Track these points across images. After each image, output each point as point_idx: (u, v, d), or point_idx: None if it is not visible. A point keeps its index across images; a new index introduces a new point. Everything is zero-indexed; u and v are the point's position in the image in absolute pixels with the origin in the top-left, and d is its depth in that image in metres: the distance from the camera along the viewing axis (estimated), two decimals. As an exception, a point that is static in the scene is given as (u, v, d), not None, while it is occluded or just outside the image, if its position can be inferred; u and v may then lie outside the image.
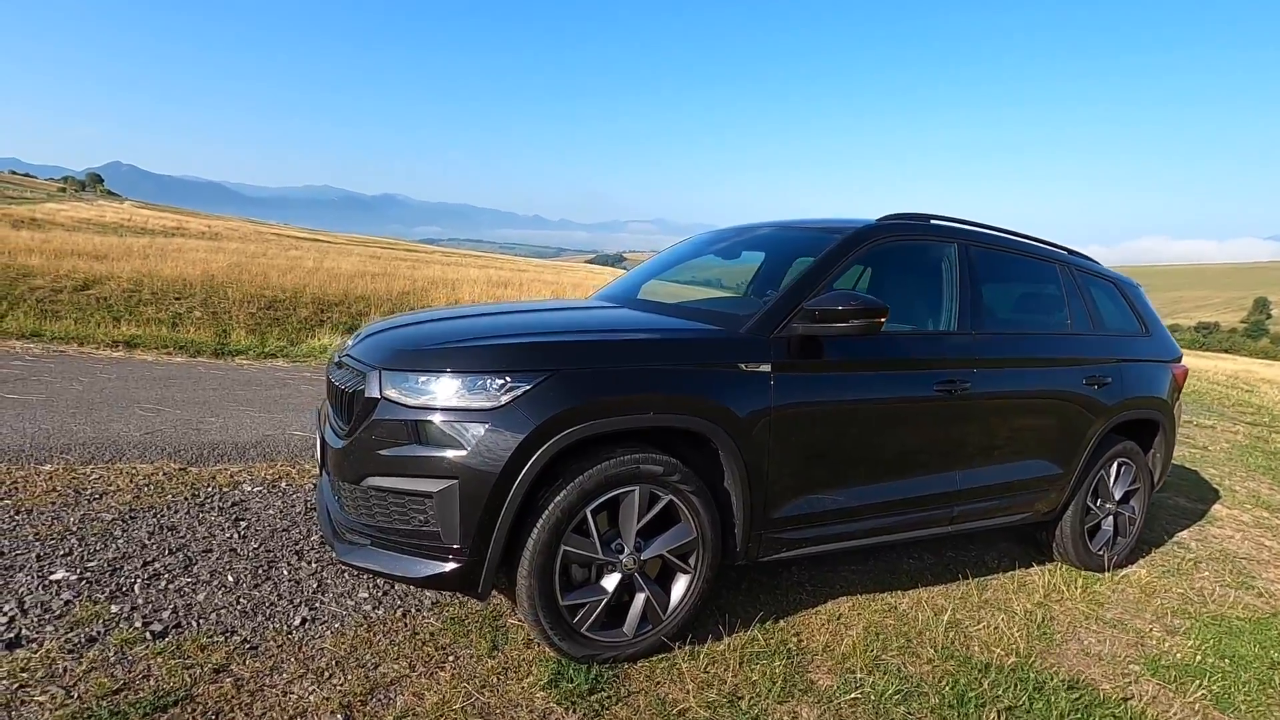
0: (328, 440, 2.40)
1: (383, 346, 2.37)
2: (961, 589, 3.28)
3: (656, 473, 2.27)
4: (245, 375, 6.69)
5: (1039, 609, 3.13)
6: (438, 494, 2.06)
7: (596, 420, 2.15)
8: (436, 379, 2.14)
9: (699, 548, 2.41)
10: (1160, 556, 4.05)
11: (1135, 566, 3.82)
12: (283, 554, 2.95)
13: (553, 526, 2.14)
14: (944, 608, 3.04)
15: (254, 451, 4.24)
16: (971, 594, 3.22)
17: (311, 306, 12.33)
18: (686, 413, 2.30)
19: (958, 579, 3.40)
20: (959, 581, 3.37)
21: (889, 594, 3.14)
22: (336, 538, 2.34)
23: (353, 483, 2.21)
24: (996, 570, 3.57)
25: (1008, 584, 3.40)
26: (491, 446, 2.06)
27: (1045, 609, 3.15)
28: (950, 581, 3.37)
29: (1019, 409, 3.19)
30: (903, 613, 2.96)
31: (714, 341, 2.46)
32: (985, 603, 3.15)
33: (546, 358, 2.18)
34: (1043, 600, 3.23)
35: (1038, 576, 3.50)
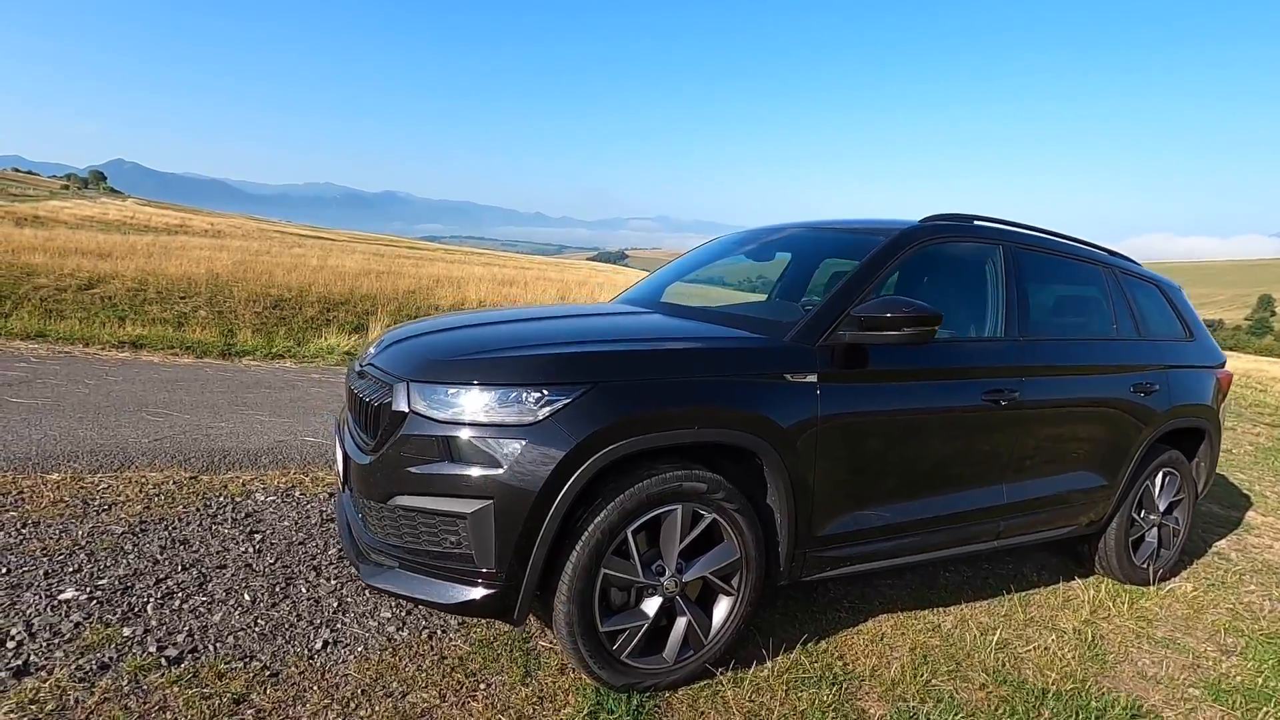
0: (350, 454, 2.28)
1: (411, 356, 2.24)
2: (1004, 605, 3.15)
3: (700, 490, 2.14)
4: (253, 377, 6.57)
5: (1087, 627, 3.00)
6: (471, 515, 1.94)
7: (640, 436, 2.03)
8: (469, 392, 2.01)
9: (742, 568, 2.28)
10: (1203, 569, 3.92)
11: (1179, 580, 3.69)
12: (300, 570, 2.83)
13: (593, 549, 2.01)
14: (989, 626, 2.91)
15: (266, 458, 4.11)
16: (1015, 611, 3.09)
17: (317, 306, 12.22)
18: (732, 427, 2.17)
19: (999, 594, 3.27)
20: (1000, 597, 3.24)
21: (930, 611, 3.02)
22: (361, 558, 2.21)
23: (379, 501, 2.09)
24: (1037, 584, 3.44)
25: (1051, 599, 3.27)
26: (529, 464, 1.93)
27: (1094, 627, 3.02)
28: (991, 597, 3.24)
29: (1067, 418, 3.05)
30: (947, 632, 2.83)
31: (759, 351, 2.33)
32: (1031, 620, 3.02)
33: (585, 369, 2.05)
34: (1090, 618, 3.10)
35: (1081, 591, 3.37)
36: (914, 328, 2.29)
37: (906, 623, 2.88)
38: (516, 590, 1.98)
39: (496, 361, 2.08)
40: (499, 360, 2.09)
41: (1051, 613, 3.12)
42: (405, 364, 2.20)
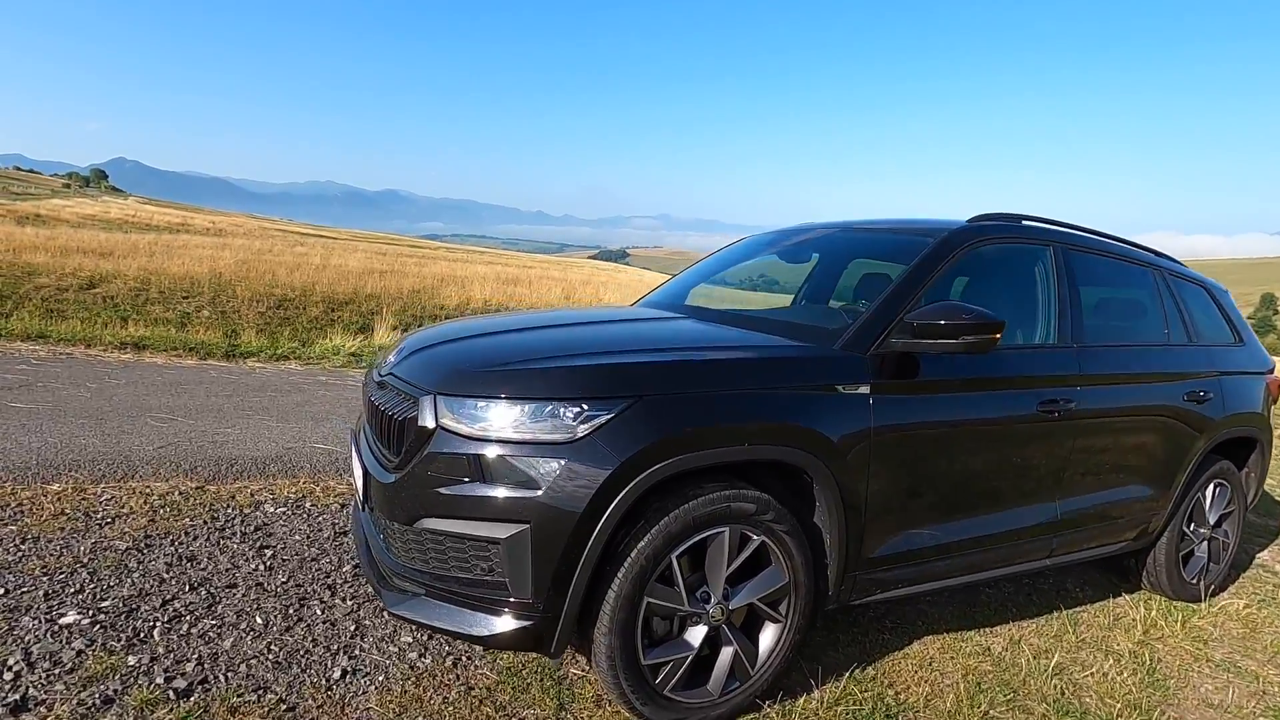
0: (371, 471, 2.12)
1: (437, 366, 2.08)
2: (1053, 625, 2.99)
3: (748, 511, 1.99)
4: (259, 379, 6.42)
5: (1143, 649, 2.85)
6: (506, 540, 1.79)
7: (688, 454, 1.87)
8: (501, 406, 1.86)
9: (791, 593, 2.13)
10: (1250, 583, 3.76)
11: (1229, 595, 3.53)
12: (314, 589, 2.68)
13: (636, 576, 1.86)
14: (1042, 649, 2.75)
15: (274, 467, 3.96)
16: (1065, 631, 2.94)
17: (321, 305, 12.08)
18: (783, 442, 2.02)
19: (1045, 612, 3.12)
20: (1048, 615, 3.09)
21: (977, 632, 2.86)
22: (383, 584, 2.06)
23: (404, 523, 1.93)
24: (1083, 601, 3.29)
25: (1100, 618, 3.12)
26: (569, 486, 1.78)
27: (1150, 649, 2.86)
28: (1038, 615, 3.08)
29: (1121, 429, 2.90)
30: (998, 656, 2.68)
31: (809, 360, 2.18)
32: (1083, 642, 2.87)
33: (628, 381, 1.90)
34: (1144, 638, 2.94)
35: (1130, 609, 3.22)
36: (975, 335, 2.13)
37: (954, 645, 2.73)
38: (555, 622, 1.82)
39: (532, 373, 1.93)
40: (534, 372, 1.93)
41: (1103, 633, 2.97)
42: (431, 375, 2.04)
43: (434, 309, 12.92)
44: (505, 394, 1.87)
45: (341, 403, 5.74)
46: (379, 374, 2.37)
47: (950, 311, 2.16)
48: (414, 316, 12.17)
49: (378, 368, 2.48)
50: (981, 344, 2.15)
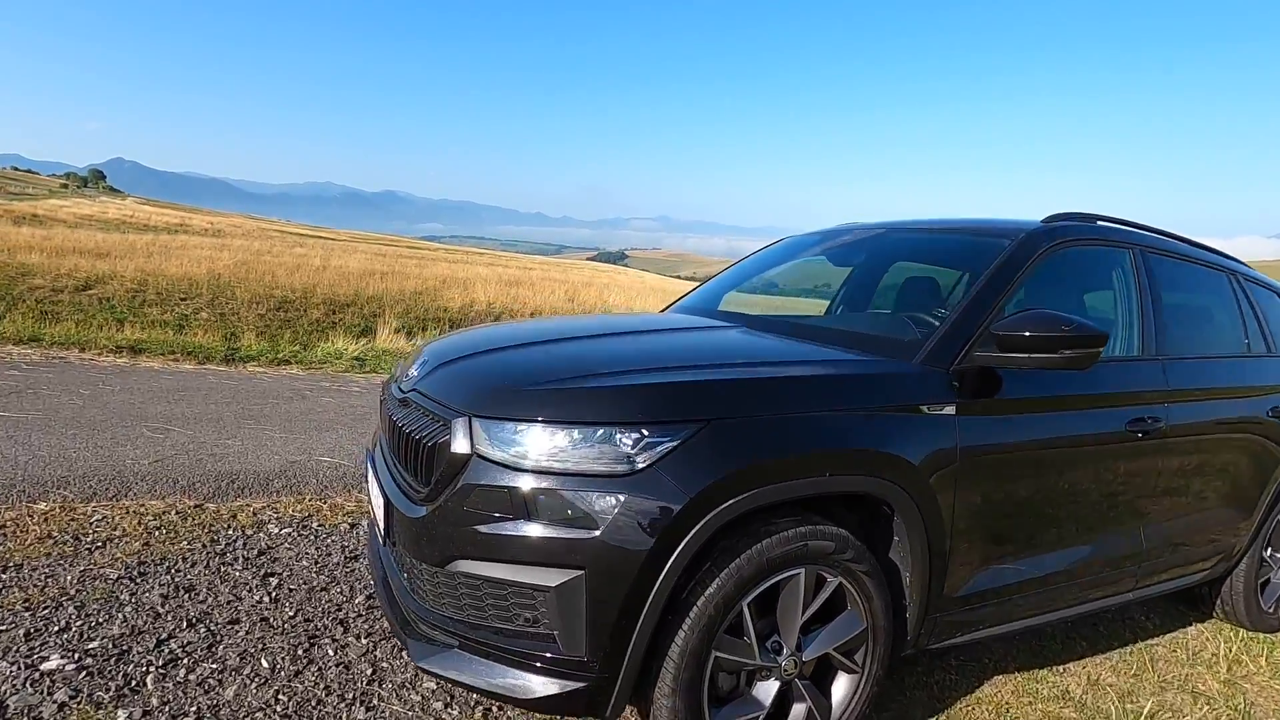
0: (394, 501, 1.87)
1: (470, 383, 1.84)
2: (1129, 662, 2.75)
3: (826, 550, 1.74)
4: (260, 386, 6.17)
5: (1232, 690, 2.60)
6: (557, 589, 1.54)
7: (764, 487, 1.63)
8: (549, 431, 1.61)
9: (869, 640, 1.88)
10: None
11: (1305, 625, 3.28)
12: (325, 624, 2.43)
13: (704, 628, 1.61)
14: (1124, 690, 2.51)
15: (278, 482, 3.71)
16: (1144, 670, 2.69)
17: (322, 308, 11.82)
18: (867, 471, 1.77)
19: (1117, 646, 2.87)
20: (1120, 650, 2.84)
21: (1050, 672, 2.61)
22: (408, 631, 1.81)
23: (435, 565, 1.68)
24: (1155, 633, 3.05)
25: (1178, 653, 2.87)
26: (629, 526, 1.53)
27: (1238, 689, 2.62)
28: (1109, 650, 2.84)
29: (1208, 448, 2.66)
30: (1079, 700, 2.43)
31: (891, 377, 1.93)
32: (1166, 682, 2.62)
33: (694, 403, 1.65)
34: (1229, 677, 2.70)
35: (1208, 642, 2.97)
36: (1075, 350, 1.89)
37: (1029, 687, 2.48)
38: (612, 682, 1.57)
39: (582, 393, 1.68)
40: (585, 391, 1.68)
41: (1185, 670, 2.72)
42: (463, 393, 1.80)
43: (437, 311, 12.67)
44: (552, 417, 1.62)
45: (346, 411, 5.49)
46: (400, 389, 2.12)
47: (1046, 322, 1.91)
48: (417, 319, 11.92)
49: (398, 381, 2.23)
50: (1082, 359, 1.91)
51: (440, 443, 1.73)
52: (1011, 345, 1.94)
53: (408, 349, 9.36)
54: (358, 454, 4.31)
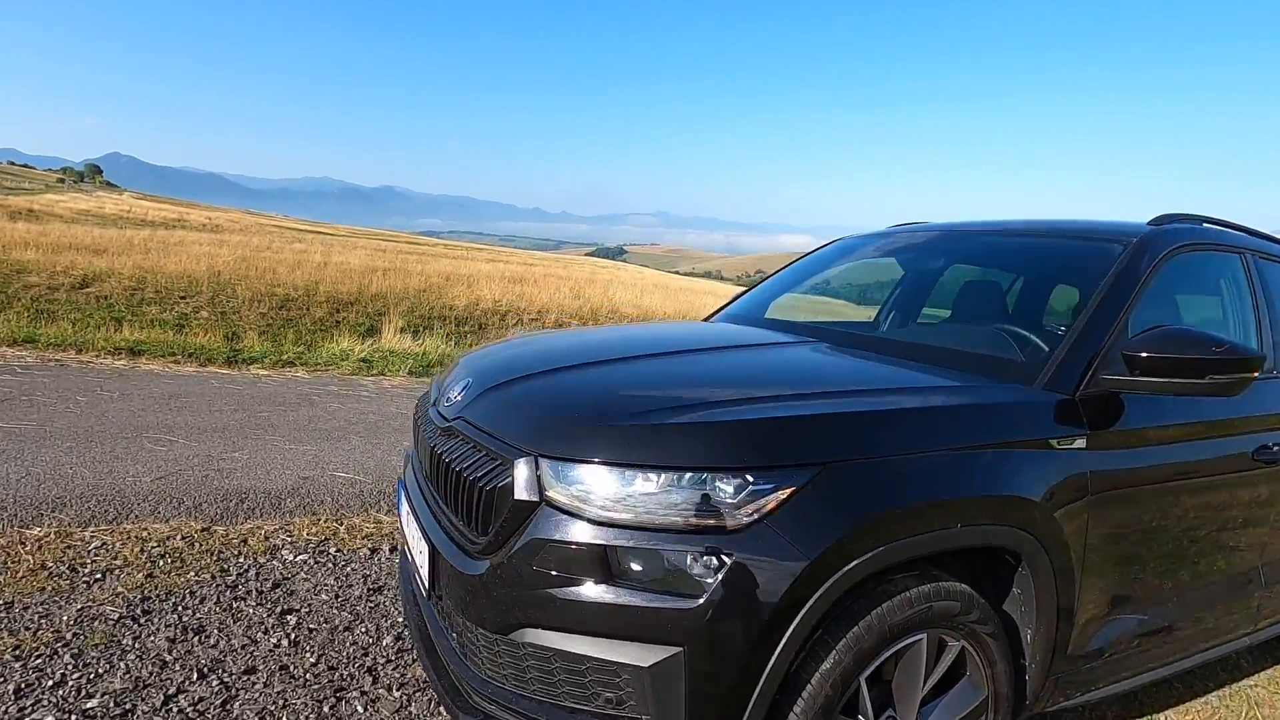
0: (441, 551, 1.62)
1: (530, 413, 1.58)
2: (1231, 706, 2.50)
3: (951, 611, 1.49)
4: (265, 390, 5.90)
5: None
6: (651, 670, 1.28)
7: (893, 544, 1.37)
8: (636, 477, 1.35)
9: (989, 710, 1.63)
10: None
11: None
12: (351, 673, 2.17)
13: (820, 711, 1.36)
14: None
15: (291, 501, 3.45)
16: (1251, 711, 2.45)
17: (325, 306, 11.54)
18: (999, 519, 1.52)
19: (1213, 688, 2.63)
20: (1216, 692, 2.60)
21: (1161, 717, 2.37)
22: (459, 702, 1.55)
23: (496, 632, 1.43)
24: (1248, 671, 2.80)
25: (1277, 695, 2.63)
26: (739, 593, 1.28)
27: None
28: (1205, 693, 2.59)
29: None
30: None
31: (1015, 407, 1.67)
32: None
33: (808, 442, 1.39)
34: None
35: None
36: (1227, 375, 1.64)
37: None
38: (714, 780, 1.32)
39: (673, 430, 1.42)
40: (677, 429, 1.42)
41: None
42: (526, 426, 1.54)
43: (442, 309, 12.38)
44: (639, 459, 1.37)
45: (358, 419, 5.23)
46: (442, 415, 1.86)
47: (1194, 342, 1.66)
48: (422, 317, 11.64)
49: (435, 404, 1.97)
50: (1233, 385, 1.66)
51: (500, 486, 1.47)
52: (1148, 368, 1.69)
53: (415, 349, 9.10)
54: (374, 469, 4.05)
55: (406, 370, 7.62)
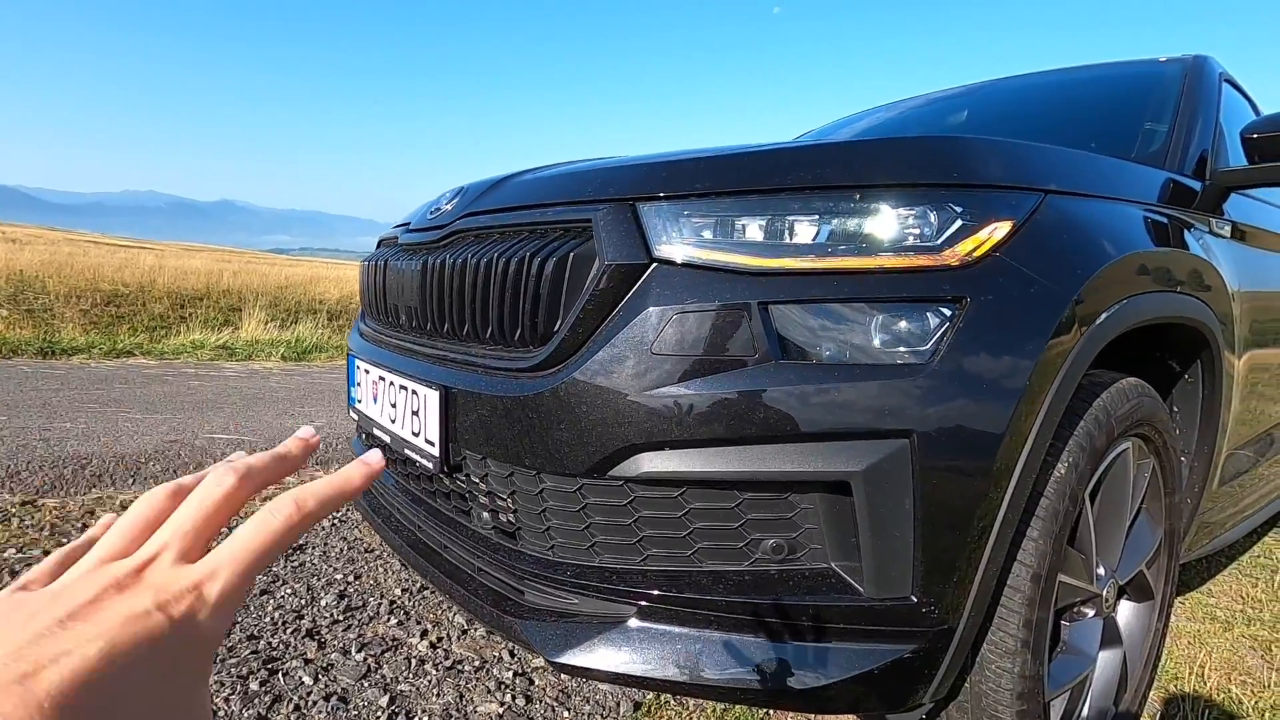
0: (460, 390, 1.07)
1: (604, 171, 1.08)
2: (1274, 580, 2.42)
3: (1156, 411, 1.16)
4: (97, 373, 4.77)
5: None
6: (865, 475, 0.83)
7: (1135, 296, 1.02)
8: (813, 202, 0.91)
9: (1163, 553, 1.32)
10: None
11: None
12: (284, 640, 1.52)
13: (1056, 535, 0.96)
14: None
15: (155, 465, 2.62)
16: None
17: (168, 301, 9.96)
18: (1197, 288, 1.24)
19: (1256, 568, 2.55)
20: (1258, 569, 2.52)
21: (1202, 594, 2.22)
22: (512, 609, 1.01)
23: (583, 473, 0.91)
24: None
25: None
26: (984, 347, 0.86)
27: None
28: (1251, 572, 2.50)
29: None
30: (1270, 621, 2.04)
31: (1179, 183, 1.39)
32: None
33: (1026, 166, 1.01)
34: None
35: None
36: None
37: (1205, 611, 2.06)
38: (947, 641, 0.88)
39: (861, 147, 0.99)
40: (859, 145, 0.99)
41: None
42: (603, 178, 1.04)
43: (311, 303, 11.08)
44: (815, 180, 0.91)
45: (230, 392, 4.30)
46: (428, 230, 1.30)
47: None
48: (288, 311, 10.30)
49: (407, 230, 1.41)
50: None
51: (575, 257, 0.96)
52: (1271, 150, 1.46)
53: (287, 337, 7.96)
54: (266, 431, 3.25)
55: (280, 355, 6.59)
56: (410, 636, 1.59)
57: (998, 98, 2.28)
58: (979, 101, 2.29)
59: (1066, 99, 2.12)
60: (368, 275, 1.55)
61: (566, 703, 1.40)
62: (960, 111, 2.28)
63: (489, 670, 1.48)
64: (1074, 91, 2.09)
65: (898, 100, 2.58)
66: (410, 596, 1.79)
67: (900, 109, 2.48)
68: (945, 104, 2.37)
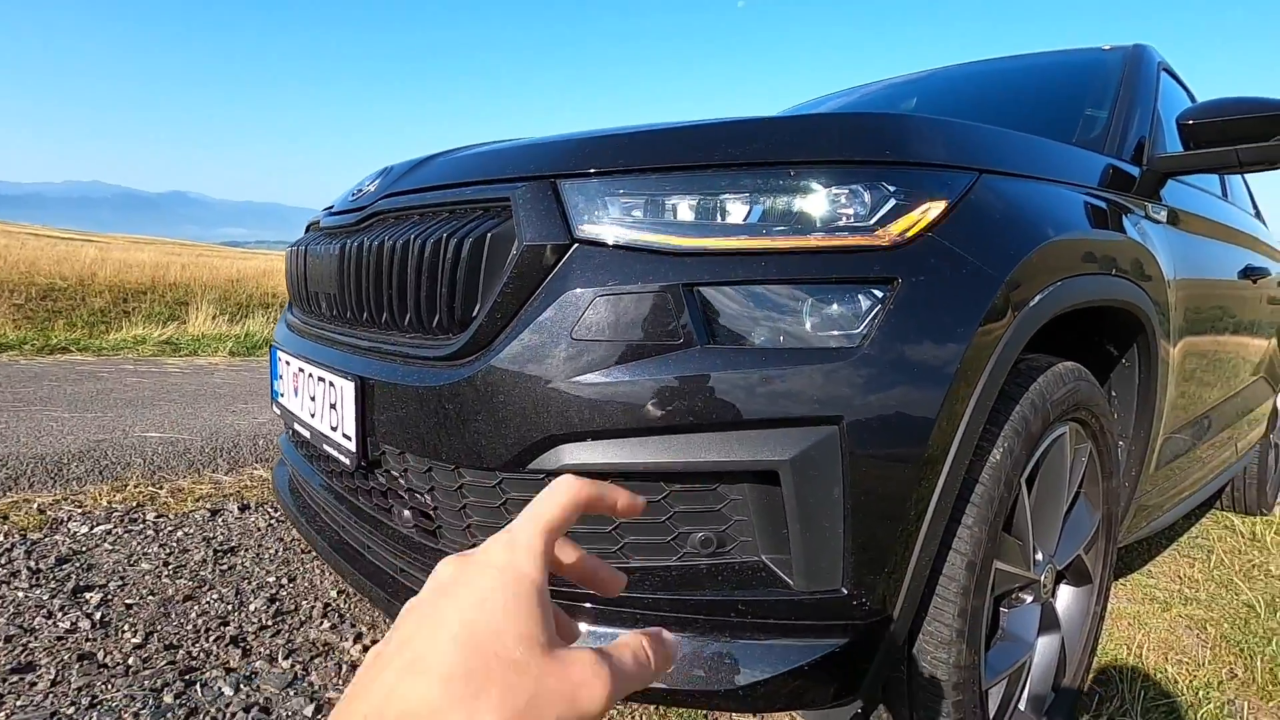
0: (375, 380, 1.01)
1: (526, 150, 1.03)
2: (1195, 559, 2.49)
3: (1093, 395, 1.16)
4: (27, 370, 4.53)
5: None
6: (793, 463, 0.79)
7: (1063, 282, 1.00)
8: (741, 179, 0.88)
9: (1101, 536, 1.33)
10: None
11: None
12: (205, 649, 1.44)
13: (991, 522, 0.95)
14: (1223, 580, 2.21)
15: (79, 466, 2.48)
16: (1219, 564, 2.44)
17: (109, 295, 9.57)
18: (1139, 277, 1.24)
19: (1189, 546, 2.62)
20: (1188, 546, 2.58)
21: (1142, 575, 2.27)
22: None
23: (502, 467, 0.86)
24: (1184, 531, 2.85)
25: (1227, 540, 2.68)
26: (909, 337, 0.83)
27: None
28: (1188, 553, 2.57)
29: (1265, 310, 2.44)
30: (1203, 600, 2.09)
31: (1118, 168, 1.40)
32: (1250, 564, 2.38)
33: (960, 145, 0.99)
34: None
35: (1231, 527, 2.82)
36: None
37: (1145, 592, 2.10)
38: (881, 632, 0.86)
39: (790, 122, 0.94)
40: (794, 121, 0.95)
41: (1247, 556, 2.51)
42: (525, 155, 0.99)
43: (264, 296, 10.75)
44: (743, 157, 0.88)
45: (170, 388, 4.13)
46: (349, 212, 1.23)
47: (1249, 105, 1.46)
48: (239, 305, 9.96)
49: (330, 214, 1.34)
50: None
51: (492, 237, 0.90)
52: (1209, 136, 1.48)
53: (235, 331, 7.69)
54: (203, 429, 3.11)
55: (227, 350, 6.35)
56: (343, 641, 1.52)
57: (949, 83, 2.28)
58: (931, 87, 2.29)
59: (1015, 85, 2.13)
60: (291, 262, 1.47)
61: (504, 705, 1.35)
62: (911, 97, 2.28)
63: (425, 673, 1.42)
64: (1022, 78, 2.10)
65: (855, 86, 2.57)
66: (346, 599, 1.71)
67: (857, 94, 2.47)
68: (899, 89, 2.37)
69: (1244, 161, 1.48)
